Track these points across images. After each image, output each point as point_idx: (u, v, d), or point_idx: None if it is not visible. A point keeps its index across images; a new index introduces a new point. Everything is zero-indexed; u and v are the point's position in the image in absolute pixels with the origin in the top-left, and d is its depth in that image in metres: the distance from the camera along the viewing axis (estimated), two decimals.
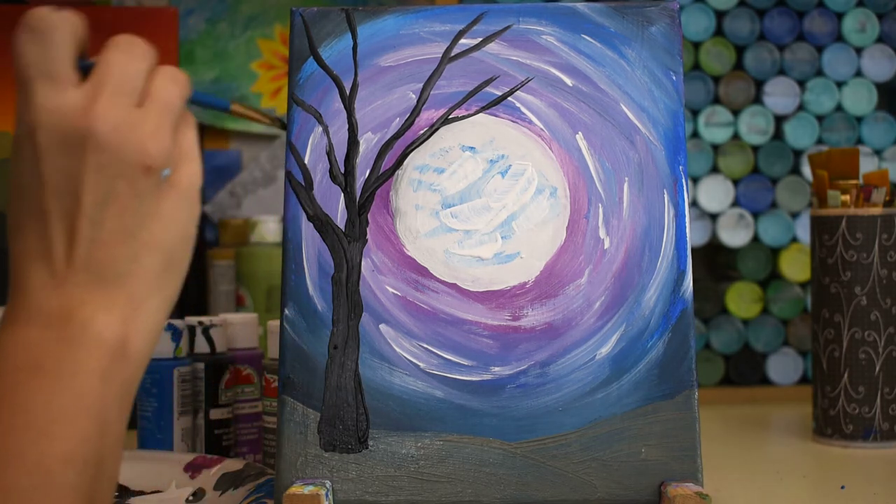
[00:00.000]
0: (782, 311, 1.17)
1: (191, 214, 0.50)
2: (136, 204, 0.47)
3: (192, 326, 0.86)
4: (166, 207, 0.49)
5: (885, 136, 1.17)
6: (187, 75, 0.51)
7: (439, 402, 0.69)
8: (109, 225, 0.47)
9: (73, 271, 0.46)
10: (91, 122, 0.46)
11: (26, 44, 0.47)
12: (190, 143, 0.51)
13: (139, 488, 0.75)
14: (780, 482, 0.80)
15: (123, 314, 0.47)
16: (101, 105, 0.46)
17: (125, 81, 0.48)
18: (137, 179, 0.47)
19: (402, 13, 0.74)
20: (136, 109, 0.48)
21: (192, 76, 1.33)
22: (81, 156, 0.46)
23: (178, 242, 0.49)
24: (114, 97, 0.47)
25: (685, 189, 0.71)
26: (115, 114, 0.47)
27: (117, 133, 0.46)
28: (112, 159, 0.46)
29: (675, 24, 0.73)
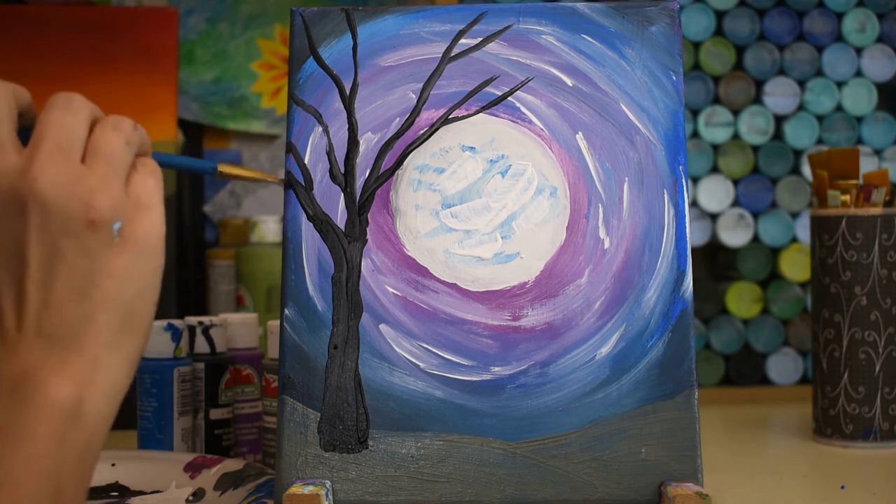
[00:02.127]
0: (782, 311, 1.17)
1: (150, 268, 0.48)
2: (85, 262, 0.46)
3: (192, 326, 0.86)
4: (120, 263, 0.47)
5: (885, 136, 1.17)
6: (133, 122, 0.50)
7: (439, 402, 0.69)
8: (59, 286, 0.45)
9: (24, 335, 0.45)
10: (30, 181, 0.45)
11: None
12: (147, 192, 0.49)
13: (139, 488, 0.75)
14: (780, 482, 0.80)
15: (79, 375, 0.45)
16: (38, 163, 0.45)
17: (63, 137, 0.46)
18: (84, 236, 0.46)
19: (402, 13, 0.74)
20: (79, 165, 0.46)
21: (192, 76, 1.33)
22: (24, 217, 0.45)
23: (137, 298, 0.47)
24: (52, 154, 0.46)
25: (685, 189, 0.71)
26: (55, 170, 0.45)
27: (58, 189, 0.45)
28: (55, 217, 0.45)
29: (675, 24, 0.73)
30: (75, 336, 0.46)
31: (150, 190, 0.49)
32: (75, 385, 0.45)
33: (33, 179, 0.45)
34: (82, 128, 0.48)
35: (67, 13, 1.15)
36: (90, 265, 0.46)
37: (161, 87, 1.14)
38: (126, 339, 0.47)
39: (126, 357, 0.47)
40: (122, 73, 1.13)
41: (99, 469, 0.76)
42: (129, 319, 0.47)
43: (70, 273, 0.46)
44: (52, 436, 0.44)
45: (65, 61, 1.13)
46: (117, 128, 0.49)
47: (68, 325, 0.45)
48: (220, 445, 0.86)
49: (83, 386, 0.45)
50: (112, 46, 1.14)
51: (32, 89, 1.20)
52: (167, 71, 1.15)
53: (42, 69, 1.12)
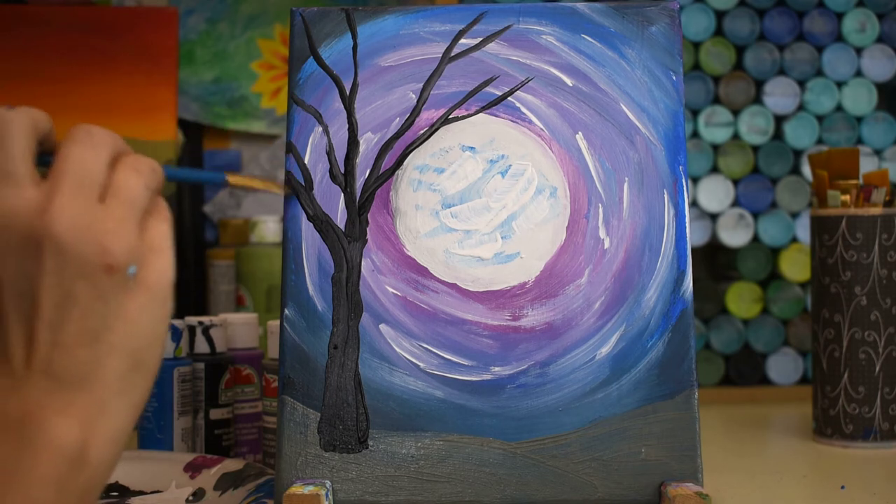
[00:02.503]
0: (782, 311, 1.17)
1: (160, 314, 0.47)
2: (99, 305, 0.45)
3: (192, 326, 0.86)
4: (133, 307, 0.46)
5: (885, 136, 1.17)
6: (153, 163, 0.49)
7: (439, 402, 0.69)
8: (71, 328, 0.45)
9: (32, 374, 0.44)
10: (47, 222, 0.44)
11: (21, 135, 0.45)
12: (160, 236, 0.48)
13: (139, 488, 0.75)
14: (780, 482, 0.80)
15: (84, 419, 0.45)
16: (57, 203, 0.44)
17: (83, 176, 0.46)
18: (99, 280, 0.45)
19: (402, 13, 0.74)
20: (97, 205, 0.46)
21: (192, 76, 1.33)
22: (39, 257, 0.44)
23: (146, 344, 0.47)
24: (72, 194, 0.45)
25: (685, 189, 0.71)
26: (73, 212, 0.45)
27: (75, 232, 0.44)
28: (71, 260, 0.44)
29: (675, 24, 0.73)
30: (83, 379, 0.45)
31: (162, 234, 0.48)
32: (80, 429, 0.45)
33: (51, 220, 0.44)
34: (103, 165, 0.47)
35: (67, 13, 1.15)
36: (103, 309, 0.45)
37: (161, 87, 1.14)
38: (133, 383, 0.47)
39: (132, 402, 0.47)
40: (122, 73, 1.14)
41: None
42: (137, 364, 0.46)
43: (83, 316, 0.45)
44: (52, 480, 0.44)
45: (65, 61, 1.13)
46: (138, 170, 0.48)
47: (77, 368, 0.45)
48: (220, 445, 0.86)
49: (88, 430, 0.45)
50: (112, 46, 1.14)
51: (32, 89, 1.21)
52: (167, 71, 1.15)
53: (42, 69, 1.12)
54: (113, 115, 1.12)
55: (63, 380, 0.45)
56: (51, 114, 1.21)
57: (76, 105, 1.11)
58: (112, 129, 1.20)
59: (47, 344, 0.44)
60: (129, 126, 1.12)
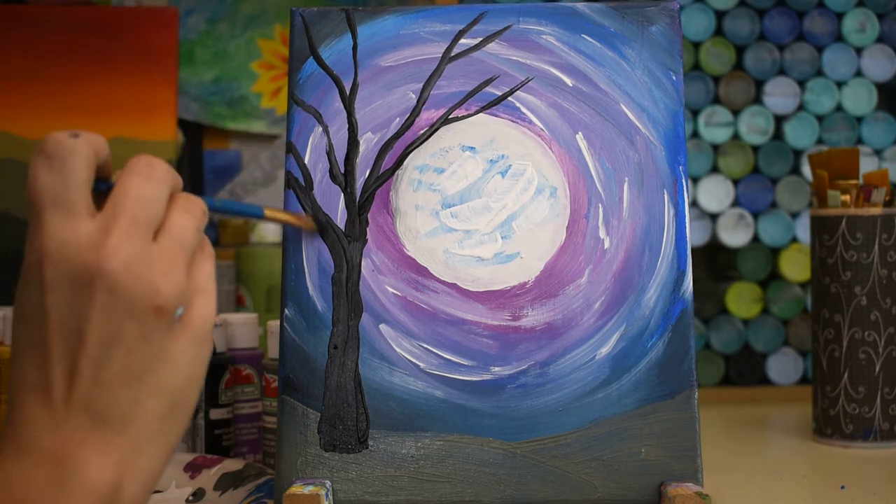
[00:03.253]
0: (782, 311, 1.17)
1: (200, 355, 0.47)
2: (144, 346, 0.45)
3: None
4: (176, 349, 0.46)
5: (885, 136, 1.17)
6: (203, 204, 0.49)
7: (439, 402, 0.69)
8: (114, 366, 0.44)
9: (71, 410, 0.44)
10: (102, 259, 0.44)
11: (41, 170, 0.45)
12: (205, 277, 0.48)
13: None
14: (780, 482, 0.80)
15: (120, 459, 0.44)
16: (114, 240, 0.44)
17: (141, 212, 0.45)
18: (147, 320, 0.45)
19: (402, 13, 0.74)
20: (151, 244, 0.45)
21: (192, 76, 1.33)
22: (90, 293, 0.44)
23: (185, 385, 0.46)
24: (128, 231, 0.45)
25: (685, 189, 0.71)
26: (128, 251, 0.44)
27: (129, 271, 0.44)
28: (122, 299, 0.44)
29: (675, 24, 0.73)
30: (123, 419, 0.45)
31: (208, 274, 0.48)
32: (116, 469, 0.44)
33: (106, 258, 0.44)
34: (161, 203, 0.46)
35: (67, 13, 1.15)
36: (148, 349, 0.45)
37: (161, 87, 1.14)
38: (170, 425, 0.46)
39: (167, 443, 0.46)
40: (122, 73, 1.14)
41: None
42: (175, 406, 0.46)
43: (128, 355, 0.45)
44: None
45: (65, 61, 1.13)
46: (191, 211, 0.48)
47: (117, 408, 0.45)
48: (220, 445, 0.86)
49: (123, 471, 0.45)
50: (112, 46, 1.14)
51: (32, 89, 1.21)
52: (167, 71, 1.15)
53: (42, 69, 1.12)
54: (113, 115, 1.12)
55: (102, 418, 0.44)
56: (51, 114, 1.21)
57: (76, 105, 1.12)
58: (112, 129, 1.20)
59: (89, 381, 0.44)
60: (129, 126, 1.12)
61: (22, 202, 1.10)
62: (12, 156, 1.10)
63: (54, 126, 1.11)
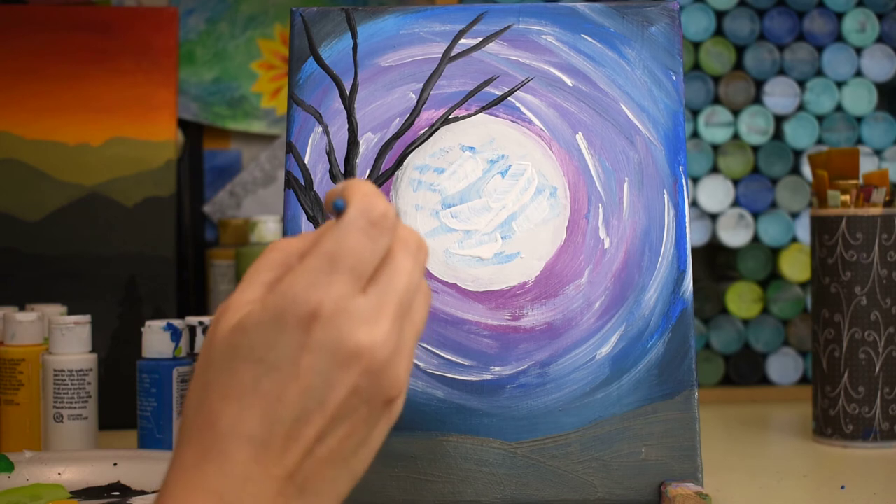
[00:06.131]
0: (782, 311, 1.17)
1: (385, 434, 0.46)
2: (362, 431, 0.44)
3: (193, 326, 0.86)
4: (379, 434, 0.45)
5: (885, 136, 1.17)
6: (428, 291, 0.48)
7: (439, 401, 0.69)
8: (332, 444, 0.44)
9: (281, 477, 0.43)
10: (371, 346, 0.43)
11: (359, 233, 0.43)
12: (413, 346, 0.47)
13: (141, 488, 0.75)
14: (780, 482, 0.80)
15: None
16: (382, 328, 0.43)
17: (406, 301, 0.45)
18: (376, 409, 0.44)
19: (402, 13, 0.74)
20: (405, 331, 0.45)
21: (192, 76, 1.33)
22: (348, 370, 0.43)
23: (368, 464, 0.46)
24: (395, 321, 0.44)
25: (685, 189, 0.71)
26: (394, 341, 0.44)
27: (389, 364, 0.43)
28: (372, 387, 0.43)
29: (675, 24, 0.73)
30: (317, 495, 0.44)
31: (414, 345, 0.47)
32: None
33: (374, 345, 0.43)
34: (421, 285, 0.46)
35: (67, 13, 1.15)
36: (365, 436, 0.45)
37: (161, 87, 1.14)
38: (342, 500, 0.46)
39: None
40: (122, 73, 1.13)
41: (101, 469, 0.76)
42: (353, 484, 0.46)
43: (347, 437, 0.44)
44: None
45: (65, 61, 1.13)
46: (428, 299, 0.47)
47: (318, 484, 0.44)
48: None
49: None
50: (112, 46, 1.14)
51: (32, 89, 1.20)
52: (167, 71, 1.15)
53: (42, 69, 1.12)
54: (113, 115, 1.12)
55: (302, 491, 0.44)
56: (51, 113, 1.21)
57: (76, 105, 1.11)
58: (112, 129, 1.19)
59: (304, 452, 0.43)
60: (129, 126, 1.12)
61: (22, 202, 1.10)
62: (12, 156, 1.10)
63: (54, 126, 1.11)
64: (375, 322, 0.43)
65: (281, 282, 0.44)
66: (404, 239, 0.45)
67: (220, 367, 0.44)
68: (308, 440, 0.43)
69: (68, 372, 0.84)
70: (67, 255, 1.10)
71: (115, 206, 1.11)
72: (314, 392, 0.43)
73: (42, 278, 1.08)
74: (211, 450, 0.43)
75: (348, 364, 0.43)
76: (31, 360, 0.87)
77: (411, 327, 0.45)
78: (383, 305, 0.44)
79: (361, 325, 0.43)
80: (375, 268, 0.44)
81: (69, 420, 0.84)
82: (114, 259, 1.10)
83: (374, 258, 0.44)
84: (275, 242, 0.47)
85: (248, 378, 0.43)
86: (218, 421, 0.43)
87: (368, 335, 0.43)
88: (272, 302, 0.43)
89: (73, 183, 1.11)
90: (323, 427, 0.43)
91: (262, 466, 0.43)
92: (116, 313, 1.09)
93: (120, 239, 1.10)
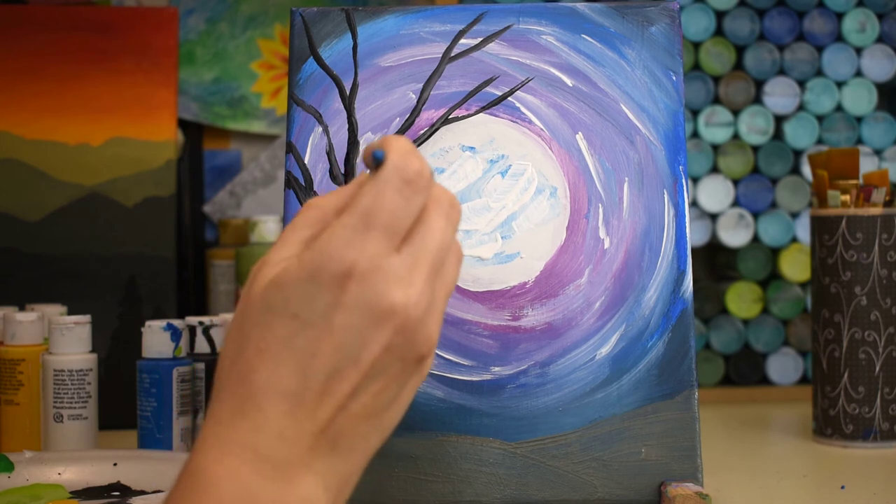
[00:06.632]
0: (782, 311, 1.17)
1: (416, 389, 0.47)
2: (394, 387, 0.45)
3: (193, 326, 0.86)
4: (409, 391, 0.46)
5: (885, 136, 1.17)
6: None
7: (439, 401, 0.69)
8: (365, 399, 0.44)
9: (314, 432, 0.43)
10: (405, 305, 0.43)
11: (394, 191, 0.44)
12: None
13: (141, 488, 0.75)
14: (780, 482, 0.80)
15: (334, 489, 0.44)
16: (416, 287, 0.44)
17: (439, 260, 0.45)
18: (409, 366, 0.45)
19: (402, 13, 0.74)
20: (437, 289, 0.45)
21: (192, 76, 1.33)
22: (382, 328, 0.43)
23: (397, 422, 0.46)
24: (429, 280, 0.44)
25: (685, 189, 0.71)
26: (426, 300, 0.44)
27: (422, 323, 0.44)
28: (405, 344, 0.44)
29: (675, 24, 0.73)
30: (349, 450, 0.45)
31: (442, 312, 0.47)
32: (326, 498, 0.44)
33: (408, 303, 0.43)
34: (452, 245, 0.46)
35: (67, 13, 1.15)
36: (396, 391, 0.45)
37: (161, 87, 1.14)
38: (370, 462, 0.46)
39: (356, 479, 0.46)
40: (122, 73, 1.14)
41: (100, 469, 0.76)
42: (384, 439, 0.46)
43: (380, 393, 0.44)
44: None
45: (65, 61, 1.13)
46: (461, 258, 0.48)
47: (351, 440, 0.44)
48: None
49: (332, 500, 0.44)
50: (112, 46, 1.14)
51: (32, 89, 1.20)
52: (167, 71, 1.15)
53: (42, 69, 1.12)
54: (113, 115, 1.12)
55: (335, 446, 0.44)
56: (51, 113, 1.21)
57: (76, 105, 1.12)
58: (112, 129, 1.19)
59: (338, 407, 0.44)
60: (129, 126, 1.12)
61: (22, 202, 1.10)
62: (12, 156, 1.10)
63: (54, 126, 1.11)
64: (409, 281, 0.44)
65: (317, 239, 0.44)
66: (438, 198, 0.46)
67: (255, 322, 0.44)
68: (341, 396, 0.43)
69: (68, 372, 0.84)
70: (67, 255, 1.10)
71: (115, 206, 1.11)
72: (348, 349, 0.43)
73: (42, 278, 1.08)
74: (246, 404, 0.43)
75: (382, 322, 0.43)
76: (31, 360, 0.87)
77: (443, 286, 0.46)
78: (417, 264, 0.44)
79: (395, 283, 0.43)
80: (409, 226, 0.45)
81: (69, 420, 0.84)
82: (114, 259, 1.10)
83: (408, 217, 0.44)
84: (311, 199, 0.47)
85: (282, 334, 0.43)
86: (253, 375, 0.43)
87: (402, 294, 0.43)
88: (308, 259, 0.43)
89: (73, 183, 1.11)
90: (356, 383, 0.44)
91: (296, 421, 0.43)
92: (116, 313, 1.09)
93: (120, 239, 1.10)
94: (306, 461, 0.43)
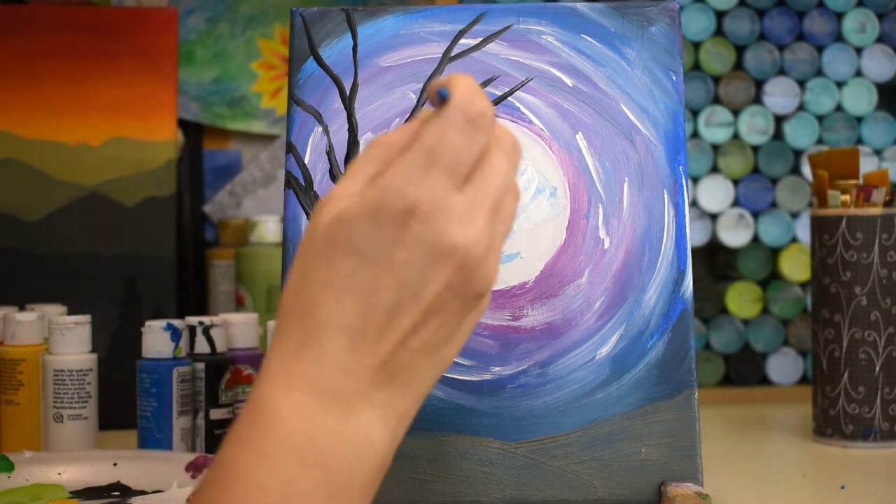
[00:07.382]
0: (782, 311, 1.17)
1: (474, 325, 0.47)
2: (454, 322, 0.45)
3: (193, 326, 0.86)
4: (468, 325, 0.46)
5: (885, 136, 1.17)
6: None
7: (439, 401, 0.69)
8: (424, 335, 0.45)
9: (375, 366, 0.44)
10: (466, 244, 0.44)
11: (457, 130, 0.44)
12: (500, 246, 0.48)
13: (140, 488, 0.75)
14: (780, 482, 0.80)
15: (395, 426, 0.45)
16: (476, 227, 0.44)
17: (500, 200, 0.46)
18: (468, 302, 0.45)
19: (402, 13, 0.74)
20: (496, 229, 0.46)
21: (192, 76, 1.33)
22: (443, 266, 0.44)
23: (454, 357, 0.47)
24: (490, 220, 0.45)
25: (685, 189, 0.71)
26: (487, 240, 0.45)
27: (482, 262, 0.44)
28: (466, 283, 0.44)
29: (675, 24, 0.73)
30: (408, 385, 0.45)
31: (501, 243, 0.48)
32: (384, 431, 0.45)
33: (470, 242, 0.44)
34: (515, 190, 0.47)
35: (67, 13, 1.15)
36: (455, 326, 0.46)
37: (161, 87, 1.14)
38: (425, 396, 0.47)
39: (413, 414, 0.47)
40: (122, 73, 1.14)
41: (100, 469, 0.76)
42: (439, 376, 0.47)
43: (439, 328, 0.45)
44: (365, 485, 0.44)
45: (65, 61, 1.13)
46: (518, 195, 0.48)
47: (410, 375, 0.45)
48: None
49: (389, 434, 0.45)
50: (112, 46, 1.14)
51: (32, 89, 1.20)
52: (167, 71, 1.15)
53: (42, 69, 1.12)
54: (113, 115, 1.12)
55: (394, 381, 0.45)
56: (51, 113, 1.21)
57: (76, 105, 1.12)
58: (112, 129, 1.19)
59: (398, 342, 0.44)
60: (129, 126, 1.12)
61: (22, 202, 1.10)
62: (12, 156, 1.10)
63: (54, 126, 1.11)
64: (470, 220, 0.44)
65: (381, 176, 0.44)
66: (500, 139, 0.46)
67: (318, 257, 0.45)
68: (401, 331, 0.44)
69: (68, 372, 0.84)
70: (67, 255, 1.10)
71: (115, 206, 1.11)
72: (409, 285, 0.44)
73: (42, 278, 1.08)
74: (309, 339, 0.44)
75: (443, 260, 0.44)
76: (31, 360, 0.87)
77: (501, 226, 0.46)
78: (478, 204, 0.44)
79: (457, 222, 0.44)
80: (472, 166, 0.45)
81: (69, 420, 0.84)
82: (114, 259, 1.10)
83: (470, 156, 0.45)
84: (377, 137, 0.48)
85: (345, 270, 0.44)
86: (316, 310, 0.44)
87: (464, 233, 0.44)
88: (371, 196, 0.44)
89: (73, 183, 1.11)
90: (416, 319, 0.44)
91: (357, 356, 0.44)
92: (116, 313, 1.09)
93: (120, 239, 1.10)
94: (366, 395, 0.44)
